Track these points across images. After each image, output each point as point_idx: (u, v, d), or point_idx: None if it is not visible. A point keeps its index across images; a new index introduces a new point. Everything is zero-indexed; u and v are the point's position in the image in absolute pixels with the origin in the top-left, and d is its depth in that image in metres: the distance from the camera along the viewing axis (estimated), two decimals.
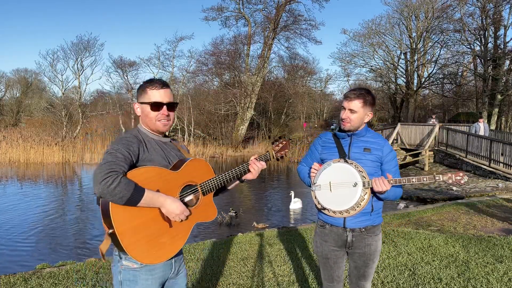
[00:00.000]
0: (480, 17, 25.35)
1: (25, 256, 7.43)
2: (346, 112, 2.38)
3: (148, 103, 1.88)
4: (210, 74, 32.82)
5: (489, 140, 14.16)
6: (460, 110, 36.21)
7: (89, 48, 31.83)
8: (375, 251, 2.45)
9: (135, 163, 1.78)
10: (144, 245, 1.72)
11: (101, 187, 1.58)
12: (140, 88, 1.94)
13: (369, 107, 2.39)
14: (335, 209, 2.34)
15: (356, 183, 2.29)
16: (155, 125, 1.91)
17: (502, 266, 4.32)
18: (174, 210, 1.75)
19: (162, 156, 1.90)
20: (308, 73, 40.53)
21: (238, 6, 30.10)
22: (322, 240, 2.51)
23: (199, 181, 1.95)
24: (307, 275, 4.23)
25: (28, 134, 27.21)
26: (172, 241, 1.82)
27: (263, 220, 9.73)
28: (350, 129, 2.42)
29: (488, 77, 24.97)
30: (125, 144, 1.76)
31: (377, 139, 2.46)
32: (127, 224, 1.68)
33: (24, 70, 49.70)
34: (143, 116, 1.92)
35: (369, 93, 2.40)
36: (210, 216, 2.01)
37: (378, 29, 32.21)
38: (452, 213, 7.91)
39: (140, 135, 1.89)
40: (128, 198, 1.63)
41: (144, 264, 1.78)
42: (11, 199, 12.52)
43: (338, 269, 2.51)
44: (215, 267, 4.66)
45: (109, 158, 1.67)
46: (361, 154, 2.39)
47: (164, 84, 1.93)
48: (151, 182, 1.75)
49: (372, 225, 2.42)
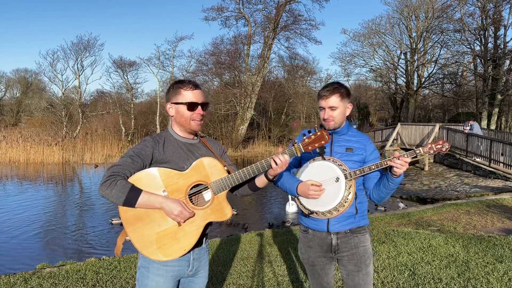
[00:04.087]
0: (480, 17, 25.35)
1: (25, 256, 7.43)
2: (327, 111, 2.26)
3: (185, 103, 1.94)
4: (210, 74, 32.82)
5: (489, 140, 14.17)
6: (460, 110, 36.18)
7: (89, 48, 31.90)
8: (366, 252, 2.27)
9: (151, 164, 1.88)
10: (151, 244, 1.83)
11: (102, 189, 1.73)
12: (172, 89, 1.98)
13: (347, 99, 2.28)
14: (323, 210, 2.19)
15: (338, 177, 2.17)
16: (189, 125, 1.96)
17: (502, 266, 4.32)
18: (172, 211, 1.80)
19: (181, 158, 1.93)
20: (308, 73, 40.55)
21: (238, 6, 30.13)
22: (306, 246, 2.36)
23: (210, 180, 1.93)
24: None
25: (28, 134, 27.23)
26: (180, 239, 1.86)
27: (262, 219, 9.72)
28: (335, 127, 2.30)
29: (488, 77, 24.97)
30: (139, 148, 1.87)
31: (359, 138, 2.35)
32: (136, 223, 1.84)
33: (24, 70, 49.82)
34: (178, 116, 1.97)
35: (342, 86, 2.29)
36: (224, 215, 1.97)
37: (378, 29, 32.23)
38: (452, 213, 7.91)
39: (163, 136, 1.97)
40: (125, 199, 1.73)
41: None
42: (11, 199, 12.52)
43: (326, 275, 2.35)
44: (215, 267, 4.66)
45: (119, 162, 1.82)
46: (344, 155, 2.27)
47: (197, 85, 1.99)
48: (157, 184, 1.83)
49: (358, 226, 2.28)
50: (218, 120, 29.47)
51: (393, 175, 2.11)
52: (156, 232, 1.84)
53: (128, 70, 33.73)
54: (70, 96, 33.69)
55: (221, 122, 29.43)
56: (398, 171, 2.08)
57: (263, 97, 30.90)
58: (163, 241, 1.84)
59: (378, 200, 2.29)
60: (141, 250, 1.85)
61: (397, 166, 2.06)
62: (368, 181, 2.32)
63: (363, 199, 2.33)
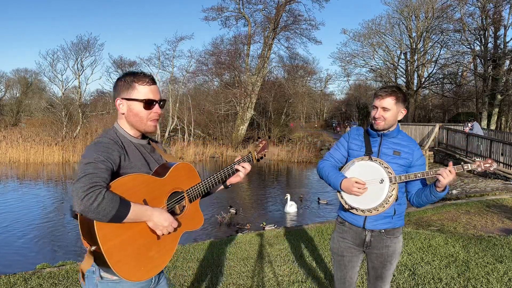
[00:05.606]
0: (480, 17, 25.35)
1: (25, 256, 7.43)
2: (379, 110, 2.28)
3: (141, 100, 1.67)
4: (210, 74, 32.87)
5: (489, 140, 14.17)
6: (460, 110, 36.20)
7: (89, 48, 31.86)
8: (394, 253, 2.38)
9: (116, 172, 1.58)
10: (132, 261, 1.54)
11: (83, 204, 1.37)
12: (124, 81, 1.70)
13: (401, 104, 2.30)
14: (363, 207, 2.27)
15: (383, 179, 2.23)
16: (145, 126, 1.72)
17: (502, 266, 4.32)
18: (162, 223, 1.57)
19: (142, 162, 1.71)
20: (308, 73, 40.59)
21: (238, 6, 30.17)
22: (340, 236, 2.46)
23: (185, 187, 1.79)
24: (307, 275, 4.23)
25: (28, 134, 27.24)
26: (160, 254, 1.65)
27: (261, 219, 9.72)
28: (384, 128, 2.32)
29: (488, 77, 24.97)
30: (105, 152, 1.55)
31: (408, 142, 2.37)
32: (113, 240, 1.48)
33: (24, 70, 49.86)
34: (130, 115, 1.70)
35: (400, 90, 2.33)
36: (197, 224, 1.85)
37: (378, 29, 32.24)
38: (452, 213, 7.91)
39: (119, 139, 1.68)
40: (113, 215, 1.42)
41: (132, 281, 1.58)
42: (11, 199, 12.52)
43: (351, 269, 2.44)
44: (215, 267, 4.66)
45: (89, 169, 1.45)
46: (391, 157, 2.32)
47: (153, 79, 1.74)
48: (137, 192, 1.56)
49: (393, 227, 2.36)
50: (218, 120, 29.48)
51: (437, 188, 2.17)
52: (134, 249, 1.57)
53: (128, 70, 33.68)
54: (70, 96, 33.66)
55: (221, 122, 29.44)
56: (442, 180, 2.11)
57: (263, 97, 30.91)
58: (142, 257, 1.59)
59: (417, 205, 2.36)
60: (117, 271, 1.52)
61: (442, 175, 2.11)
62: (411, 186, 2.38)
63: (402, 201, 2.39)
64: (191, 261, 4.97)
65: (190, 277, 4.32)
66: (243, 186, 15.50)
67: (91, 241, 1.47)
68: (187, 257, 5.18)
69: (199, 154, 25.13)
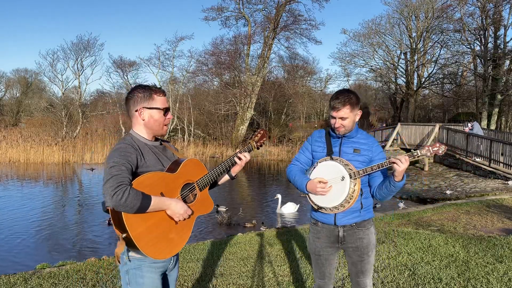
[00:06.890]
0: (480, 17, 25.33)
1: (25, 256, 7.43)
2: (337, 121, 2.42)
3: (161, 108, 2.04)
4: (210, 74, 32.82)
5: (489, 140, 14.16)
6: (460, 110, 36.17)
7: (89, 48, 31.85)
8: (368, 244, 2.50)
9: (135, 172, 1.92)
10: (157, 243, 1.89)
11: (113, 200, 1.72)
12: (143, 93, 2.03)
13: (356, 108, 2.43)
14: (330, 206, 2.38)
15: (343, 176, 2.33)
16: (161, 129, 2.08)
17: (502, 266, 4.32)
18: (178, 211, 1.92)
19: (156, 161, 2.03)
20: (308, 73, 40.51)
21: (238, 6, 30.12)
22: (315, 237, 2.58)
23: (195, 178, 2.13)
24: (307, 275, 4.23)
25: (28, 134, 27.22)
26: (179, 235, 1.99)
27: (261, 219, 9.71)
28: (344, 133, 2.47)
29: (488, 77, 24.96)
30: (124, 156, 1.88)
31: (367, 140, 2.52)
32: (140, 227, 1.83)
33: (24, 70, 49.66)
34: (151, 121, 2.04)
35: (352, 94, 2.43)
36: (208, 208, 2.18)
37: (378, 29, 32.20)
38: (452, 213, 7.91)
39: (135, 143, 1.99)
40: (138, 207, 1.77)
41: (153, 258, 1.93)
42: (11, 199, 12.52)
43: (329, 266, 2.58)
44: (215, 267, 4.66)
45: (114, 171, 1.80)
46: (351, 155, 2.45)
47: (164, 91, 2.12)
48: (155, 187, 1.90)
49: (363, 220, 2.49)
50: (218, 120, 29.47)
51: (395, 177, 2.27)
52: (158, 233, 1.92)
53: (128, 70, 33.68)
54: (70, 96, 33.65)
55: (221, 122, 29.44)
56: (398, 168, 2.21)
57: (263, 97, 30.89)
58: (165, 239, 1.94)
59: (379, 198, 2.47)
60: (146, 252, 1.89)
61: (396, 163, 2.22)
62: (372, 180, 2.50)
63: (368, 195, 2.53)
64: (191, 261, 4.97)
65: (190, 277, 4.33)
66: (243, 186, 15.51)
67: (122, 229, 1.81)
68: (187, 257, 5.18)
69: (199, 154, 25.12)
